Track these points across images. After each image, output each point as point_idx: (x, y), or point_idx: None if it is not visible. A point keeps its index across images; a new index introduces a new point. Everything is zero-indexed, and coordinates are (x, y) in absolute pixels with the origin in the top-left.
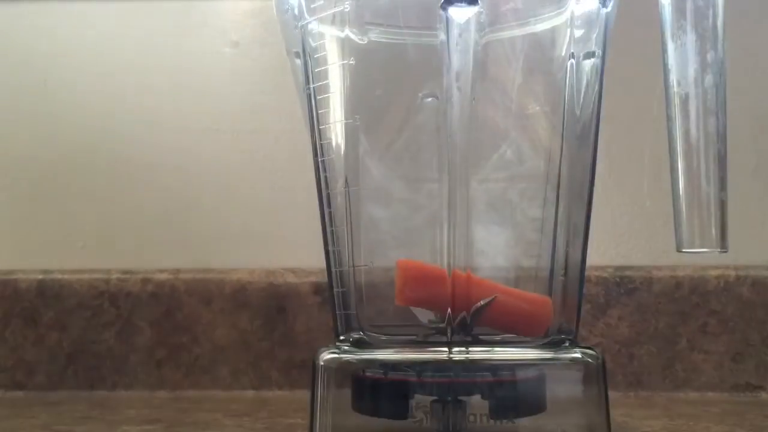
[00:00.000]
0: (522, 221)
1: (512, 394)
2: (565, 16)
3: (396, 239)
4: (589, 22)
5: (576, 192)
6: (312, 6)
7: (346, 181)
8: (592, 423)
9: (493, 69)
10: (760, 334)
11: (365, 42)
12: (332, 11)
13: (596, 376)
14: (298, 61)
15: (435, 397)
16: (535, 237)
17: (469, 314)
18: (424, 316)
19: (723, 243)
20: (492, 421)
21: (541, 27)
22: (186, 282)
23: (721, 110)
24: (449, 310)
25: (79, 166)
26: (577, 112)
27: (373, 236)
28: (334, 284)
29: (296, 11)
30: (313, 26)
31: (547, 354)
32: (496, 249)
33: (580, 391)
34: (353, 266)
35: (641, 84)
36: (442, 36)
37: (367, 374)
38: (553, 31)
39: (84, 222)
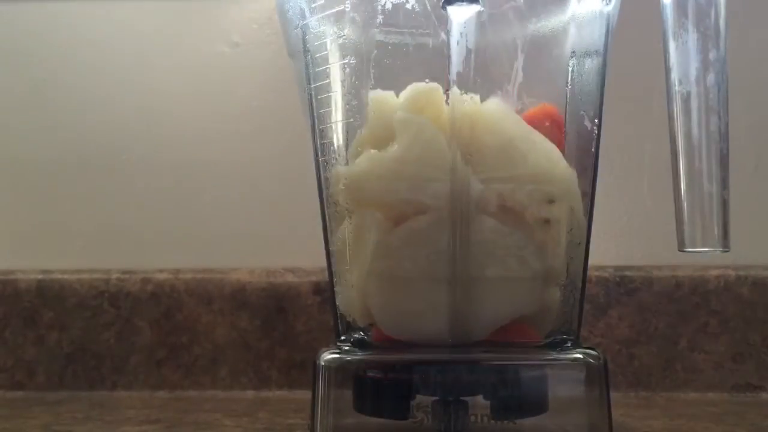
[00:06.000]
0: (525, 221)
1: (514, 394)
2: (566, 15)
3: None
4: (591, 20)
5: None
6: (313, 6)
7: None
8: (594, 423)
9: (494, 68)
10: (760, 334)
11: (365, 42)
12: (333, 11)
13: (598, 376)
14: (299, 61)
15: (436, 398)
16: (540, 237)
17: None
18: None
19: (725, 242)
20: (493, 422)
21: (542, 26)
22: (186, 282)
23: (722, 109)
24: None
25: (79, 166)
26: (579, 111)
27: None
28: (335, 284)
29: (297, 11)
30: (314, 26)
31: (548, 354)
32: (497, 248)
33: (582, 392)
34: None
35: (641, 83)
36: (443, 35)
37: (368, 374)
38: (555, 29)
39: (84, 222)
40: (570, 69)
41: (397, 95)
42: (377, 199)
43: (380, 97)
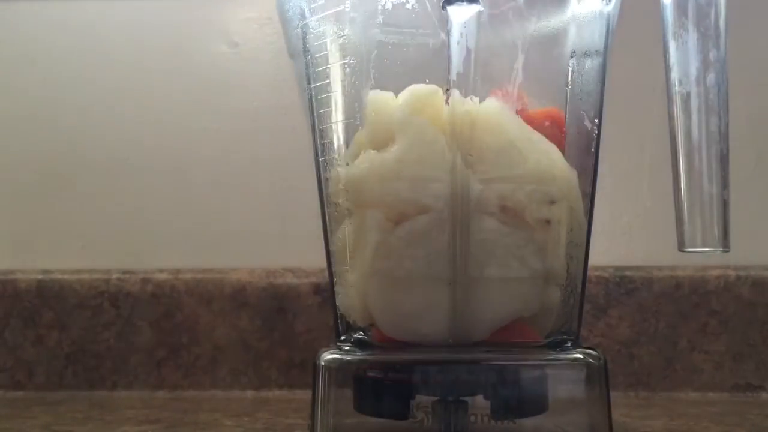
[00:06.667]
0: (525, 221)
1: (514, 394)
2: (566, 15)
3: None
4: (591, 20)
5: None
6: (313, 6)
7: None
8: (594, 424)
9: (494, 68)
10: (760, 334)
11: (366, 42)
12: (333, 11)
13: (598, 376)
14: (299, 61)
15: (436, 398)
16: (540, 237)
17: None
18: None
19: (725, 242)
20: (493, 422)
21: (542, 26)
22: (186, 282)
23: (723, 109)
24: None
25: (79, 166)
26: (579, 111)
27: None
28: (335, 284)
29: (297, 11)
30: (314, 26)
31: (548, 354)
32: (499, 246)
33: (582, 392)
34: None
35: (641, 83)
36: (443, 35)
37: (369, 374)
38: (555, 29)
39: (84, 222)
40: (570, 69)
41: (397, 95)
42: (377, 199)
43: (379, 98)
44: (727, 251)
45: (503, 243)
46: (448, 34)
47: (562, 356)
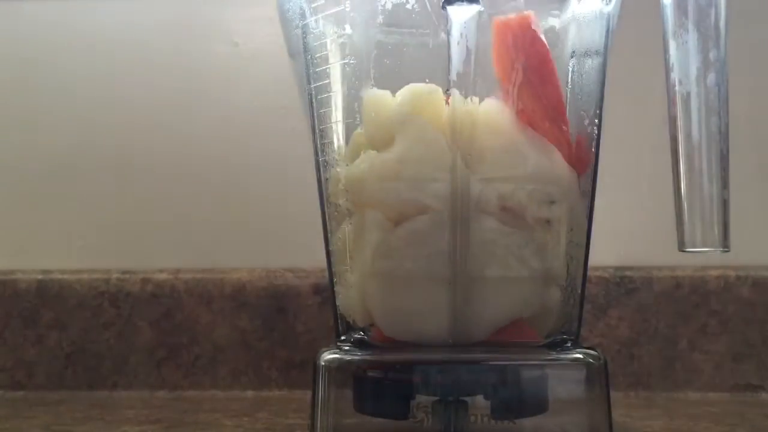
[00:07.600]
0: (525, 221)
1: (514, 394)
2: (567, 15)
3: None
4: (591, 20)
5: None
6: (313, 6)
7: None
8: (594, 423)
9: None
10: (760, 334)
11: (366, 42)
12: (333, 11)
13: (598, 376)
14: (299, 61)
15: (436, 398)
16: (540, 237)
17: None
18: None
19: (725, 242)
20: (493, 422)
21: (542, 26)
22: (186, 282)
23: (723, 109)
24: None
25: (79, 166)
26: (579, 111)
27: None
28: (335, 284)
29: (297, 11)
30: (314, 26)
31: (548, 354)
32: (499, 246)
33: (582, 392)
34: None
35: (641, 83)
36: (443, 35)
37: (368, 374)
38: (555, 29)
39: (84, 222)
40: (570, 69)
41: (394, 95)
42: (377, 199)
43: (375, 97)
44: (727, 251)
45: (503, 243)
46: (448, 34)
47: (562, 356)
